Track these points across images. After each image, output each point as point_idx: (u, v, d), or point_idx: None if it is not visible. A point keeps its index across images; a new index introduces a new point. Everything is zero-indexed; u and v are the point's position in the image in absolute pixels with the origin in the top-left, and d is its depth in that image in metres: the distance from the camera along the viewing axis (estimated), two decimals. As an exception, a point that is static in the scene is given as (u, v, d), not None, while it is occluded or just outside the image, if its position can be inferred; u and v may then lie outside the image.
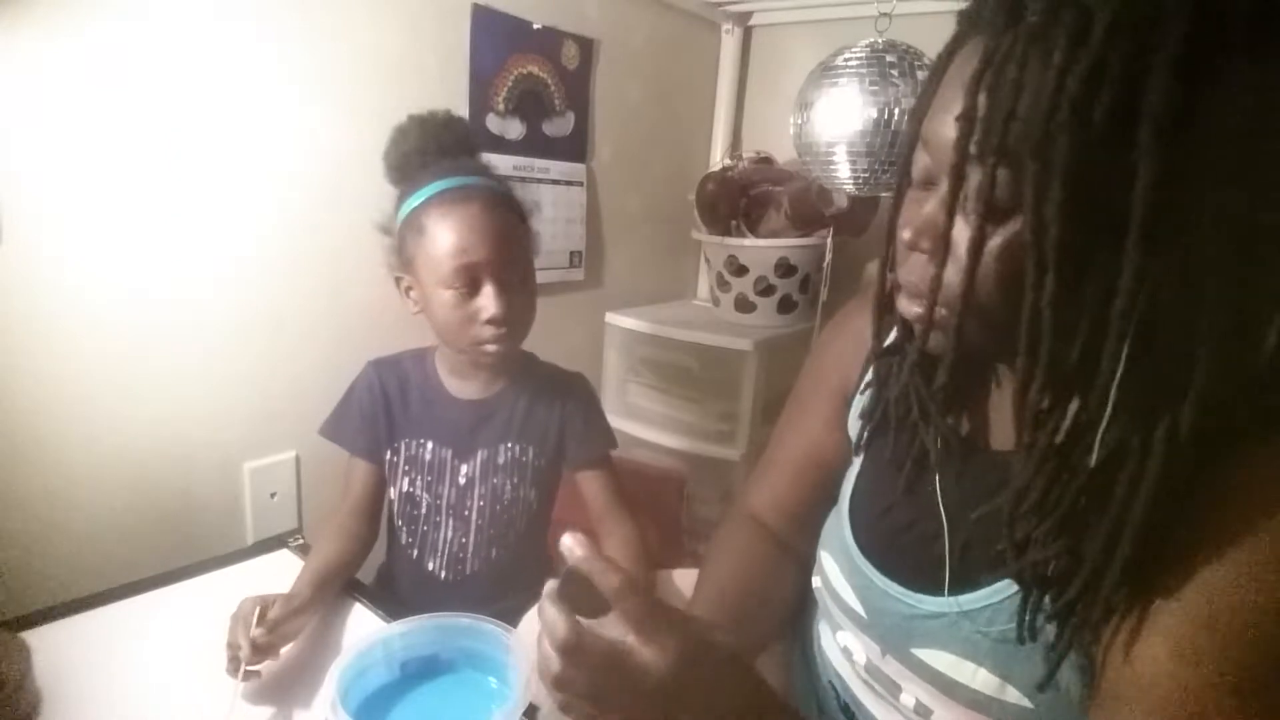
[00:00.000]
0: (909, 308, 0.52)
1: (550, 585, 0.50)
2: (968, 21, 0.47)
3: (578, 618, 0.48)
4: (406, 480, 0.97)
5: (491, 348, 0.88)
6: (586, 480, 1.00)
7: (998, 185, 0.43)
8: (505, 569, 0.99)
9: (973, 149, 0.43)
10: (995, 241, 0.44)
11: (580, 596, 0.49)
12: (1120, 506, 0.43)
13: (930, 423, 0.59)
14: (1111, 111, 0.39)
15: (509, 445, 0.97)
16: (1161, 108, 0.38)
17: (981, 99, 0.42)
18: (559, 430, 0.99)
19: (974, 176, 0.44)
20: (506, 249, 0.87)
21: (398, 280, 0.93)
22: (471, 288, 0.86)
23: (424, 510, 0.97)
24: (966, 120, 0.43)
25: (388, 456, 0.97)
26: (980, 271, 0.45)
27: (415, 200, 0.88)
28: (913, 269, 0.50)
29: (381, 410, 0.96)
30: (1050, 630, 0.49)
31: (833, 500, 0.72)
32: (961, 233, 0.46)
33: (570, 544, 0.51)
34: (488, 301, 0.86)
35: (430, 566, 0.98)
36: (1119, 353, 0.41)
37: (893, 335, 0.61)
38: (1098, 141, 0.39)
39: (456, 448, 0.96)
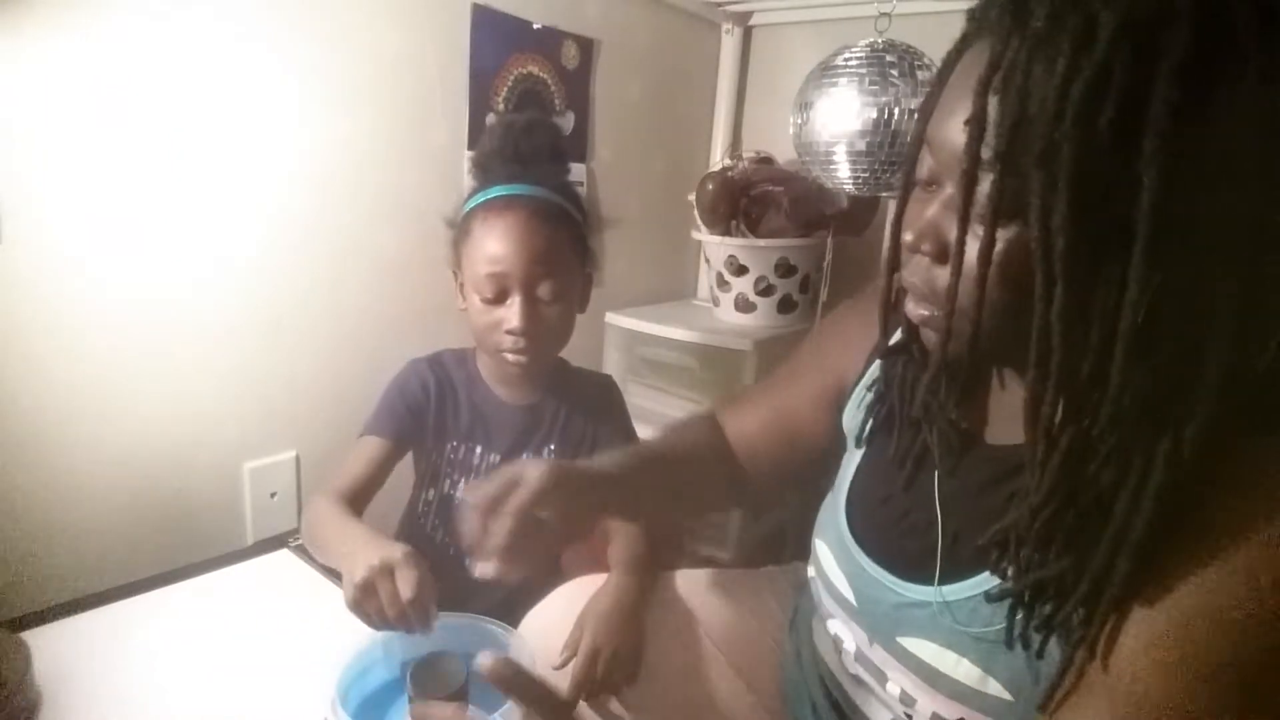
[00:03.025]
0: (913, 309, 0.52)
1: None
2: (974, 23, 0.47)
3: None
4: (448, 482, 0.98)
5: (511, 357, 0.90)
6: None
7: (1004, 192, 0.42)
8: None
9: (983, 154, 0.42)
10: (1000, 247, 0.44)
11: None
12: (1122, 522, 0.43)
13: (932, 421, 0.59)
14: (1116, 120, 0.38)
15: (550, 449, 0.98)
16: (1165, 117, 0.37)
17: (991, 103, 0.42)
18: (593, 435, 1.00)
19: (980, 182, 0.43)
20: (541, 263, 0.87)
21: (454, 274, 0.95)
22: (499, 297, 0.87)
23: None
24: (975, 124, 0.42)
25: (432, 458, 0.97)
26: (989, 277, 0.44)
27: (471, 203, 0.90)
28: (915, 270, 0.51)
29: (434, 409, 0.96)
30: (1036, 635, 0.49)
31: (798, 463, 0.76)
32: (965, 238, 0.45)
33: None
34: (511, 313, 0.87)
35: (466, 562, 0.99)
36: (1127, 366, 0.40)
37: (897, 335, 0.61)
38: (1103, 151, 0.38)
39: (504, 453, 0.97)
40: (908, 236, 0.49)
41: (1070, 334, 0.41)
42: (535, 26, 1.34)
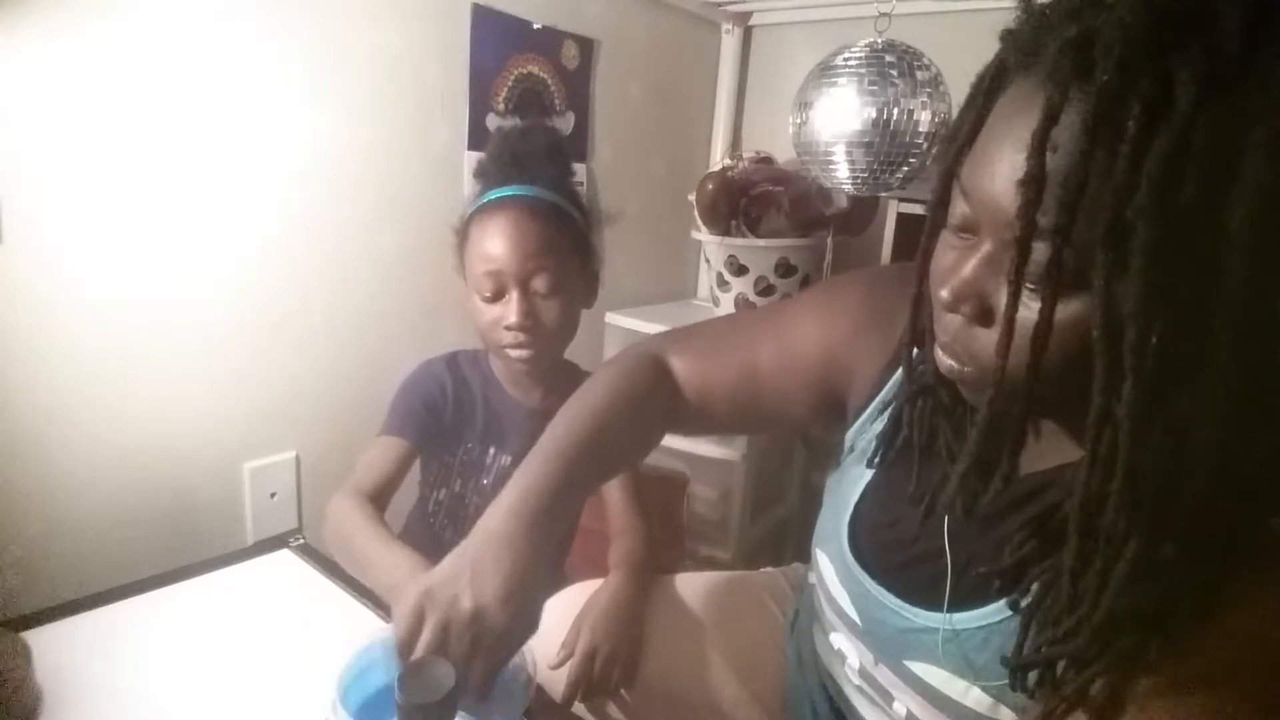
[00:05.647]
0: (943, 360, 0.48)
1: None
2: (1017, 53, 0.40)
3: None
4: (460, 481, 0.98)
5: (514, 353, 0.91)
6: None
7: (1063, 267, 0.37)
8: None
9: (1039, 221, 0.37)
10: (1058, 320, 0.39)
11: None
12: (1166, 614, 0.40)
13: (956, 464, 0.55)
14: (1199, 198, 0.33)
15: None
16: (1256, 194, 0.33)
17: (1046, 160, 0.37)
18: None
19: (1034, 250, 0.38)
20: (534, 258, 0.88)
21: (463, 279, 0.96)
22: (497, 294, 0.89)
23: (471, 510, 0.98)
24: (1030, 188, 0.37)
25: (445, 458, 0.98)
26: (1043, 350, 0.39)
27: (471, 209, 0.92)
28: (948, 329, 0.46)
29: (451, 409, 0.96)
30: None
31: (750, 425, 0.75)
32: (1015, 312, 0.40)
33: None
34: (509, 309, 0.89)
35: None
36: (1206, 474, 0.36)
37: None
38: (1182, 230, 0.34)
39: (515, 454, 0.98)
40: (944, 294, 0.44)
41: (1140, 433, 0.37)
42: (535, 26, 1.34)
